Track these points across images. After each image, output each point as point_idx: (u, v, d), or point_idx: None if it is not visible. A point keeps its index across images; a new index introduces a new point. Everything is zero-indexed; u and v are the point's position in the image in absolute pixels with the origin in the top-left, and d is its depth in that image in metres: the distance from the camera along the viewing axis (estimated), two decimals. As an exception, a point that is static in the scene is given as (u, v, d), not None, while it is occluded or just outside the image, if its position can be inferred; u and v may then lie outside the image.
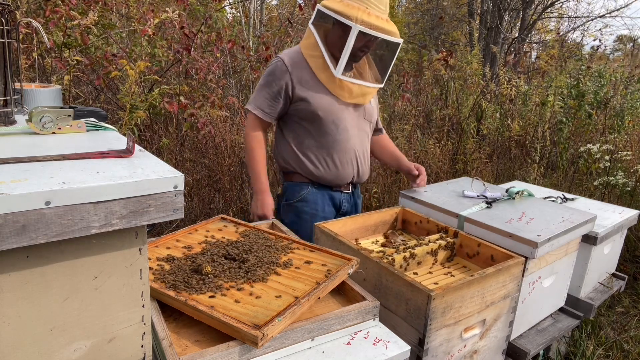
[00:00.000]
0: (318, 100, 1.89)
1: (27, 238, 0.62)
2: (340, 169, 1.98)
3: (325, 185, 2.01)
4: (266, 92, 1.93)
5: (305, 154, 1.97)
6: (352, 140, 1.98)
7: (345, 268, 1.19)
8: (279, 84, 1.90)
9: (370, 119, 2.09)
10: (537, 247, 1.50)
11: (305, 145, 1.96)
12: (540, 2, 7.77)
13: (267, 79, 1.93)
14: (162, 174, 0.73)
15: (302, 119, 1.94)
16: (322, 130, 1.93)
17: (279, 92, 1.91)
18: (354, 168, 2.02)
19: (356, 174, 2.04)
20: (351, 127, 1.97)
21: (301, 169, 1.98)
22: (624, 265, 3.02)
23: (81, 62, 3.54)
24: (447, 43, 9.83)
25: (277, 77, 1.90)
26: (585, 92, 4.44)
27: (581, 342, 2.14)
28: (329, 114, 1.91)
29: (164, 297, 1.04)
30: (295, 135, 1.97)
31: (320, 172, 1.97)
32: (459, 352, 1.38)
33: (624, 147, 4.11)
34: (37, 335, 0.70)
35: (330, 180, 1.99)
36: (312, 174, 1.97)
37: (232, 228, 1.45)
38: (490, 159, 4.49)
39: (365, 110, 2.04)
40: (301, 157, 1.97)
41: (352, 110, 1.98)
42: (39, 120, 0.93)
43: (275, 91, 1.91)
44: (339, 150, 1.95)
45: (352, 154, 1.99)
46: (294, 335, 0.99)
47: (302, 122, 1.94)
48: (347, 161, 1.98)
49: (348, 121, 1.96)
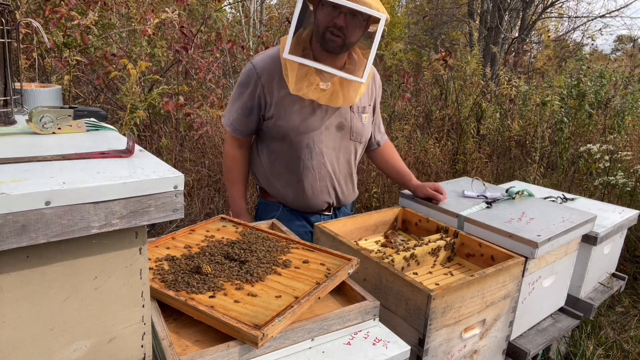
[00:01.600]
0: (290, 119, 1.65)
1: (27, 238, 0.62)
2: (312, 197, 1.77)
3: (299, 211, 1.83)
4: (238, 107, 1.71)
5: (275, 177, 1.78)
6: (330, 166, 1.75)
7: (345, 268, 1.19)
8: (250, 97, 1.68)
9: (359, 139, 1.82)
10: (537, 247, 1.50)
11: (276, 168, 1.76)
12: (540, 2, 7.77)
13: (238, 90, 1.71)
14: (162, 174, 0.73)
15: (274, 138, 1.72)
16: (293, 153, 1.70)
17: (252, 107, 1.69)
18: (331, 194, 1.81)
19: (335, 200, 1.84)
20: (329, 150, 1.73)
21: (271, 191, 1.82)
22: (624, 265, 3.02)
23: (81, 62, 3.54)
24: (447, 43, 9.84)
25: (248, 88, 1.68)
26: (586, 92, 4.44)
27: (581, 342, 2.14)
28: (302, 136, 1.66)
29: (164, 297, 1.04)
30: (267, 153, 1.77)
31: (290, 197, 1.78)
32: (459, 352, 1.38)
33: (624, 147, 4.11)
34: (37, 335, 0.70)
35: (301, 206, 1.81)
36: (283, 198, 1.80)
37: (232, 228, 1.45)
38: (490, 159, 4.50)
39: (353, 130, 1.77)
40: (271, 179, 1.79)
41: (333, 131, 1.72)
42: (39, 120, 0.93)
43: (248, 106, 1.69)
44: (310, 177, 1.73)
45: (327, 181, 1.77)
46: (294, 335, 0.99)
47: (273, 142, 1.73)
48: (320, 189, 1.77)
49: (325, 143, 1.71)
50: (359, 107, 1.78)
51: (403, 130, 4.26)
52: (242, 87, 1.70)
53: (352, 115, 1.75)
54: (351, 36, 1.53)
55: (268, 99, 1.66)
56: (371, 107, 1.88)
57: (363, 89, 1.66)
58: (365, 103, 1.81)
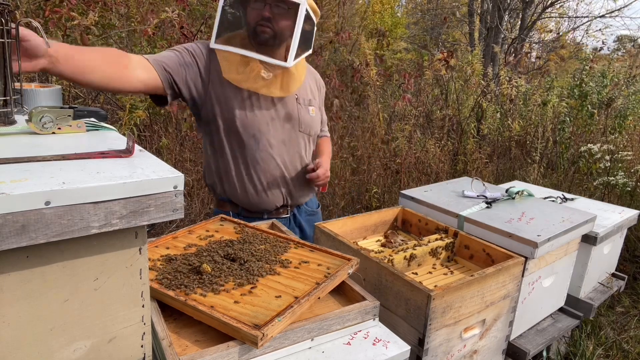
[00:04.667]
0: (234, 109, 1.61)
1: (27, 238, 0.62)
2: (262, 192, 1.71)
3: (253, 211, 1.75)
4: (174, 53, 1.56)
5: (224, 173, 1.71)
6: (279, 158, 1.71)
7: (345, 268, 1.19)
8: (192, 58, 1.58)
9: (308, 131, 1.78)
10: (537, 247, 1.50)
11: (223, 163, 1.70)
12: (540, 2, 7.77)
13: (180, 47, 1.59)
14: (162, 174, 0.73)
15: (219, 131, 1.66)
16: (239, 145, 1.66)
17: (190, 64, 1.57)
18: (282, 190, 1.75)
19: (288, 197, 1.77)
20: (278, 143, 1.69)
21: (222, 192, 1.75)
22: (624, 265, 3.02)
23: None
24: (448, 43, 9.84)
25: (195, 52, 1.59)
26: (588, 92, 4.45)
27: (581, 342, 2.14)
28: (247, 127, 1.63)
29: (164, 297, 1.04)
30: (214, 149, 1.70)
31: (240, 195, 1.71)
32: (458, 352, 1.38)
33: (624, 147, 4.11)
34: (37, 335, 0.70)
35: (253, 205, 1.73)
36: (235, 197, 1.72)
37: (232, 228, 1.45)
38: (491, 159, 4.50)
39: (302, 121, 1.74)
40: (222, 177, 1.72)
41: (281, 123, 1.69)
42: (39, 120, 0.93)
43: (186, 61, 1.56)
44: (259, 170, 1.68)
45: (277, 175, 1.72)
46: (293, 335, 0.99)
47: (218, 135, 1.67)
48: (271, 183, 1.71)
49: (273, 135, 1.67)
50: (304, 100, 1.76)
51: (403, 131, 4.26)
52: (188, 48, 1.60)
53: (298, 107, 1.73)
54: (279, 26, 1.57)
55: (209, 77, 1.59)
56: (317, 102, 1.85)
57: (299, 80, 1.71)
58: (310, 97, 1.80)
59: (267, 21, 1.55)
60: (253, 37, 1.60)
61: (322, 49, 4.31)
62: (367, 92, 4.40)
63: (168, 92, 1.54)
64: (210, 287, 1.07)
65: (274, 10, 1.56)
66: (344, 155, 4.07)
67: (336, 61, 5.07)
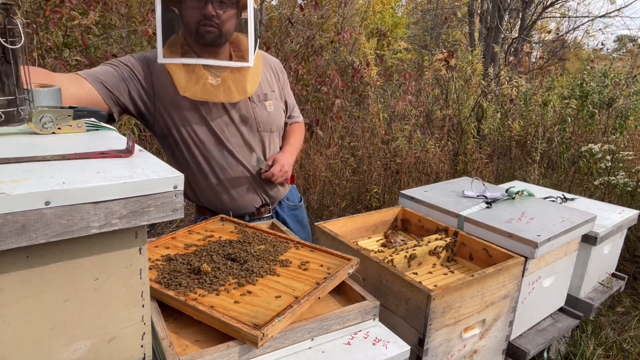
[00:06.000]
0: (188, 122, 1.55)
1: (27, 238, 0.62)
2: (239, 197, 1.68)
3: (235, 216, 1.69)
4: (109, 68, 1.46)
5: (196, 185, 1.66)
6: (246, 162, 1.66)
7: (345, 268, 1.19)
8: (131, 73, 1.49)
9: (269, 129, 1.70)
10: (537, 247, 1.50)
11: (191, 176, 1.65)
12: (540, 2, 7.76)
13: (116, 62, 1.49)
14: (161, 174, 0.73)
15: (178, 146, 1.60)
16: (203, 155, 1.60)
17: (129, 78, 1.47)
18: (258, 192, 1.72)
19: (265, 197, 1.74)
20: (239, 148, 1.64)
21: (198, 202, 1.72)
22: (624, 265, 3.02)
23: (81, 62, 3.54)
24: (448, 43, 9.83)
25: (132, 68, 1.50)
26: (589, 92, 4.45)
27: (581, 342, 2.14)
28: (205, 135, 1.57)
29: (164, 297, 1.04)
30: (179, 165, 1.63)
31: (217, 202, 1.68)
32: (458, 352, 1.38)
33: (625, 147, 4.11)
34: (37, 335, 0.71)
35: (234, 209, 1.69)
36: (213, 205, 1.69)
37: (232, 228, 1.45)
38: (491, 160, 4.50)
39: (259, 120, 1.66)
40: (194, 189, 1.68)
41: (237, 127, 1.62)
42: (39, 120, 0.93)
43: (125, 75, 1.46)
44: (228, 175, 1.65)
45: (248, 179, 1.68)
46: (293, 335, 0.99)
47: (179, 150, 1.61)
48: (244, 188, 1.68)
49: (233, 141, 1.62)
50: (259, 96, 1.67)
51: (403, 131, 4.26)
52: (124, 62, 1.50)
53: (253, 106, 1.65)
54: (225, 23, 1.47)
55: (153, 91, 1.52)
56: (275, 92, 1.76)
57: (257, 77, 1.58)
58: (266, 90, 1.70)
59: (211, 20, 1.42)
60: (196, 39, 1.47)
61: (322, 49, 4.31)
62: (367, 92, 4.40)
63: (113, 110, 1.45)
64: (210, 287, 1.08)
65: (216, 6, 1.43)
66: (345, 155, 4.07)
67: (336, 61, 5.07)
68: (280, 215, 1.86)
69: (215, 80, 1.48)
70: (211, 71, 1.50)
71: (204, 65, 1.47)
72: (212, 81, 1.48)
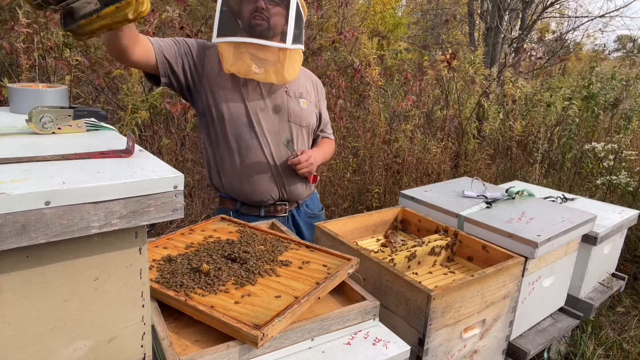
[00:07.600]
0: (226, 100, 1.69)
1: (27, 238, 0.62)
2: (257, 182, 1.74)
3: (250, 205, 1.79)
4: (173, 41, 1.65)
5: (221, 165, 1.76)
6: (273, 148, 1.74)
7: (345, 268, 1.19)
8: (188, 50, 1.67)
9: (299, 122, 1.79)
10: (537, 247, 1.50)
11: (219, 154, 1.75)
12: (540, 2, 7.76)
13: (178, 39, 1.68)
14: (162, 174, 0.73)
15: (214, 123, 1.73)
16: (233, 133, 1.71)
17: (185, 54, 1.66)
18: (277, 182, 1.77)
19: (282, 191, 1.79)
20: (269, 134, 1.74)
21: (220, 186, 1.80)
22: (624, 265, 3.02)
23: (82, 62, 3.54)
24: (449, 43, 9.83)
25: (190, 46, 1.68)
26: (595, 94, 4.45)
27: (581, 342, 2.14)
28: (239, 115, 1.70)
29: (164, 297, 1.04)
30: (210, 142, 1.77)
31: (236, 186, 1.76)
32: (458, 352, 1.38)
33: (627, 147, 4.11)
34: (37, 335, 0.71)
35: (248, 194, 1.76)
36: (232, 189, 1.77)
37: (232, 228, 1.45)
38: (493, 160, 4.49)
39: (291, 112, 1.77)
40: (219, 170, 1.77)
41: (270, 113, 1.74)
42: (39, 120, 0.93)
43: (182, 51, 1.65)
44: (252, 157, 1.73)
45: (270, 165, 1.74)
46: (294, 335, 0.99)
47: (214, 127, 1.74)
48: (264, 173, 1.75)
49: (264, 125, 1.72)
50: (294, 92, 1.81)
51: (404, 131, 4.26)
52: (186, 40, 1.69)
53: (287, 99, 1.78)
54: (274, 17, 1.65)
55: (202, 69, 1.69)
56: (311, 98, 1.88)
57: (294, 72, 1.72)
58: (302, 90, 1.84)
59: (262, 12, 1.62)
60: (249, 30, 1.65)
61: (322, 49, 4.31)
62: (368, 92, 4.39)
63: (162, 79, 1.62)
64: (210, 287, 1.08)
65: (267, 1, 1.63)
66: (346, 155, 4.07)
67: (337, 61, 5.07)
68: (296, 219, 1.90)
69: (258, 69, 1.64)
70: (256, 55, 1.64)
71: (250, 54, 1.64)
72: (255, 70, 1.64)
